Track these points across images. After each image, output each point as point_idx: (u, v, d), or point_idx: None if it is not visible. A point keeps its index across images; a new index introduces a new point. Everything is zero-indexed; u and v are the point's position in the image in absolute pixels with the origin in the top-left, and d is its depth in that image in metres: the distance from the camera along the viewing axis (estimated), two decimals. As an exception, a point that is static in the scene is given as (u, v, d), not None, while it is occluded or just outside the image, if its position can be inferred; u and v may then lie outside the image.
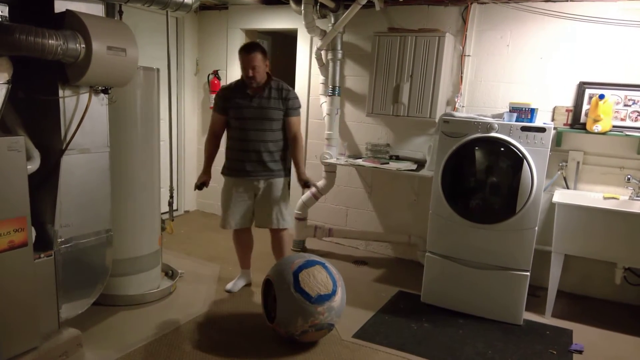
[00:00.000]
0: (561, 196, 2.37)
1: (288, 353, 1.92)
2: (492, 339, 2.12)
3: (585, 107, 2.49)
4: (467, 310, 2.33)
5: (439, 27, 2.73)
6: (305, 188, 2.36)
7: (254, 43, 2.27)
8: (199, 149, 3.82)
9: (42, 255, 1.70)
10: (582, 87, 2.51)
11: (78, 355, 1.81)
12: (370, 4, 2.70)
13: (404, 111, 2.74)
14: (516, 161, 2.15)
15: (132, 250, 2.26)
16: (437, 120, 2.65)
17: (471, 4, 2.69)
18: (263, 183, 2.29)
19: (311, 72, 3.27)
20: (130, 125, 2.17)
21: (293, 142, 2.30)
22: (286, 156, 2.35)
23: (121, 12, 2.11)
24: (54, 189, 1.75)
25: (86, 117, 1.79)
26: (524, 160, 2.13)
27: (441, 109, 2.72)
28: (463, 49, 2.75)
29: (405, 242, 3.04)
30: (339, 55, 2.97)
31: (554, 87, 2.59)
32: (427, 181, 2.70)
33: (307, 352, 1.93)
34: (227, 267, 2.79)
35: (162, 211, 2.52)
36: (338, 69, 2.99)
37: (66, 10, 1.70)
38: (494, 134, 2.20)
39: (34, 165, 1.67)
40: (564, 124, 2.57)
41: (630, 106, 2.42)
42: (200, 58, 3.76)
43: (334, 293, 1.90)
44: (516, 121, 2.26)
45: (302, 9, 2.76)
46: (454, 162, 2.27)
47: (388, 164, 2.85)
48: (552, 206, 2.36)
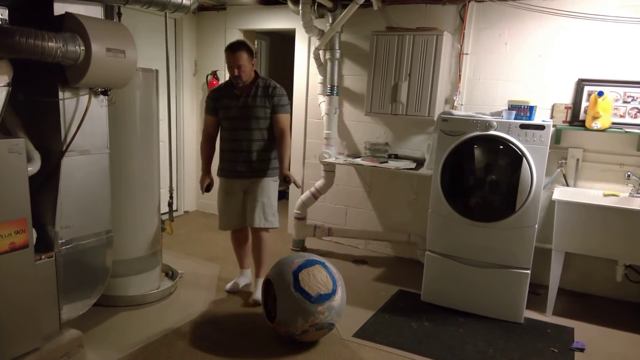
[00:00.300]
0: (561, 194, 2.37)
1: (288, 353, 1.92)
2: (492, 338, 2.12)
3: (584, 104, 2.49)
4: (467, 309, 2.33)
5: (436, 26, 2.73)
6: (284, 183, 2.28)
7: (239, 42, 2.22)
8: (198, 149, 3.77)
9: (43, 257, 1.71)
10: (580, 84, 2.51)
11: (79, 355, 1.81)
12: (368, 3, 2.70)
13: (403, 110, 2.74)
14: (515, 159, 2.15)
15: (133, 251, 2.26)
16: (435, 119, 2.65)
17: (469, 2, 2.68)
18: (251, 182, 2.27)
19: (309, 72, 3.27)
20: (129, 126, 2.18)
21: (279, 139, 2.24)
22: (275, 157, 2.29)
23: (120, 14, 2.12)
24: (55, 190, 1.75)
25: (86, 119, 1.80)
26: (523, 158, 2.13)
27: (440, 108, 2.72)
28: (461, 47, 2.75)
29: (404, 241, 3.04)
30: (337, 55, 2.97)
31: (553, 84, 2.59)
32: (427, 180, 2.70)
33: (308, 351, 1.94)
34: (227, 267, 2.79)
35: (162, 212, 2.52)
36: (336, 68, 2.99)
37: (65, 12, 1.71)
38: (492, 132, 2.20)
39: (34, 167, 1.68)
40: (563, 122, 2.56)
41: (629, 103, 2.42)
42: (198, 59, 3.77)
43: (334, 292, 1.91)
44: (515, 119, 2.25)
45: (300, 8, 2.76)
46: (453, 160, 2.27)
47: (387, 162, 2.85)
48: (552, 204, 2.36)
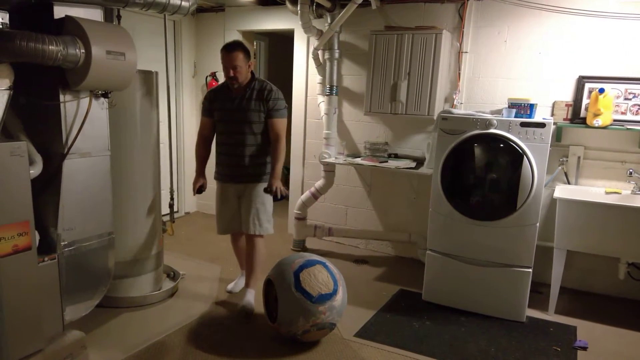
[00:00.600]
0: (562, 192, 2.36)
1: (290, 353, 1.92)
2: (494, 337, 2.11)
3: (585, 101, 2.48)
4: (469, 308, 2.32)
5: (435, 25, 2.73)
6: (265, 192, 2.14)
7: (235, 42, 2.17)
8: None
9: (45, 259, 1.72)
10: (581, 81, 2.49)
11: (82, 357, 1.82)
12: (366, 3, 2.70)
13: (402, 109, 2.74)
14: (516, 157, 2.14)
15: (134, 253, 2.27)
16: (435, 118, 2.65)
17: (468, 0, 2.68)
18: (244, 187, 2.22)
19: (308, 72, 3.27)
20: (130, 128, 2.19)
21: (273, 145, 2.17)
22: (269, 162, 2.21)
23: (119, 17, 2.13)
24: (57, 193, 1.76)
25: (87, 122, 1.81)
26: (524, 156, 2.12)
27: (439, 106, 2.72)
28: (460, 45, 2.74)
29: (405, 241, 3.03)
30: (336, 55, 2.97)
31: (553, 81, 2.58)
32: (427, 179, 2.70)
33: (309, 351, 1.94)
34: (227, 268, 2.80)
35: (163, 213, 2.53)
36: (335, 68, 2.99)
37: (65, 15, 1.72)
38: (493, 130, 2.19)
39: (36, 170, 1.69)
40: (564, 119, 2.55)
41: (630, 99, 2.40)
42: (197, 60, 3.78)
43: (335, 292, 1.91)
44: (515, 117, 2.25)
45: (299, 9, 2.76)
46: (453, 159, 2.26)
47: (387, 162, 2.85)
48: (553, 202, 2.35)
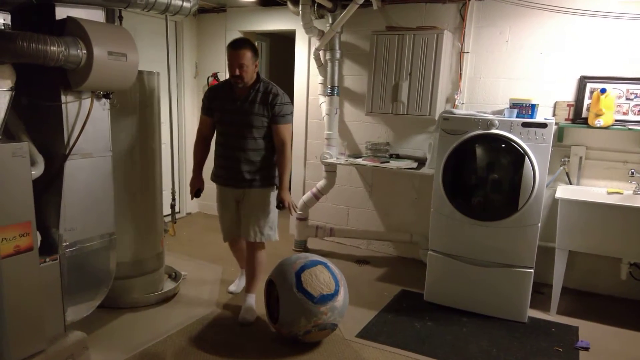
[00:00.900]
0: (564, 192, 2.36)
1: (291, 353, 1.92)
2: (496, 337, 2.11)
3: (587, 101, 2.48)
4: (470, 309, 2.32)
5: (437, 25, 2.73)
6: (278, 208, 2.09)
7: (243, 39, 2.06)
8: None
9: (47, 260, 1.72)
10: (583, 81, 2.49)
11: (84, 357, 1.82)
12: (367, 3, 2.70)
13: (404, 109, 2.74)
14: (517, 157, 2.14)
15: (136, 253, 2.28)
16: (436, 118, 2.65)
17: (469, 0, 2.68)
18: (242, 193, 2.12)
19: (310, 73, 3.27)
20: (131, 129, 2.19)
21: (279, 153, 2.07)
22: (272, 166, 2.13)
23: (121, 18, 2.13)
24: (58, 193, 1.77)
25: (88, 122, 1.81)
26: (526, 157, 2.12)
27: (441, 107, 2.72)
28: (462, 46, 2.74)
29: (407, 241, 3.03)
30: (337, 55, 2.97)
31: (555, 82, 2.57)
32: (428, 179, 2.69)
33: (311, 352, 1.94)
34: (229, 269, 2.80)
35: (165, 214, 2.53)
36: (337, 68, 2.99)
37: (67, 16, 1.72)
38: (494, 131, 2.19)
39: (38, 171, 1.69)
40: (566, 119, 2.55)
41: (632, 100, 2.40)
42: (199, 61, 3.78)
43: (336, 293, 1.91)
44: (517, 117, 2.25)
45: (300, 9, 2.76)
46: (455, 159, 2.26)
47: (388, 162, 2.85)
48: (555, 202, 2.35)
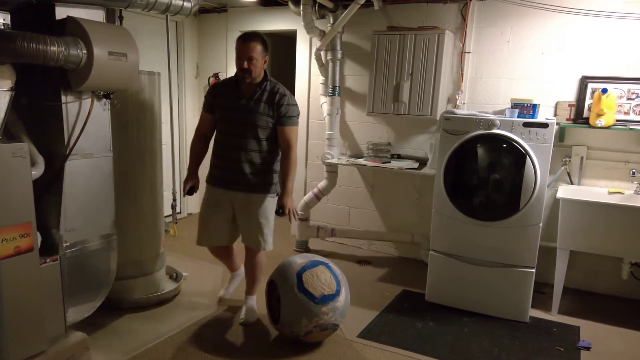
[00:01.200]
0: (565, 192, 2.36)
1: (293, 353, 1.92)
2: (498, 337, 2.11)
3: (588, 101, 2.48)
4: (472, 308, 2.32)
5: (438, 25, 2.73)
6: (277, 214, 2.00)
7: (254, 32, 1.95)
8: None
9: (47, 260, 1.71)
10: (584, 81, 2.49)
11: (85, 358, 1.82)
12: (369, 3, 2.70)
13: (405, 109, 2.73)
14: (519, 157, 2.14)
15: (137, 254, 2.27)
16: (438, 118, 2.65)
17: (470, 0, 2.68)
18: (242, 197, 2.01)
19: (311, 73, 3.27)
20: (132, 129, 2.19)
21: (284, 156, 1.99)
22: (273, 172, 2.04)
23: (121, 18, 2.13)
24: (59, 194, 1.76)
25: (89, 122, 1.80)
26: (527, 157, 2.12)
27: (442, 107, 2.72)
28: (463, 46, 2.74)
29: (408, 241, 3.03)
30: (339, 55, 2.97)
31: (556, 82, 2.57)
32: (429, 179, 2.69)
33: (312, 352, 1.93)
34: (231, 269, 2.80)
35: (165, 214, 2.52)
36: (338, 69, 2.99)
37: (67, 16, 1.72)
38: (495, 131, 2.19)
39: (38, 171, 1.69)
40: (567, 119, 2.55)
41: (633, 100, 2.40)
42: (200, 61, 3.78)
43: (337, 293, 1.90)
44: (518, 117, 2.24)
45: (301, 9, 2.76)
46: (456, 159, 2.26)
47: (390, 163, 2.85)
48: (556, 202, 2.35)
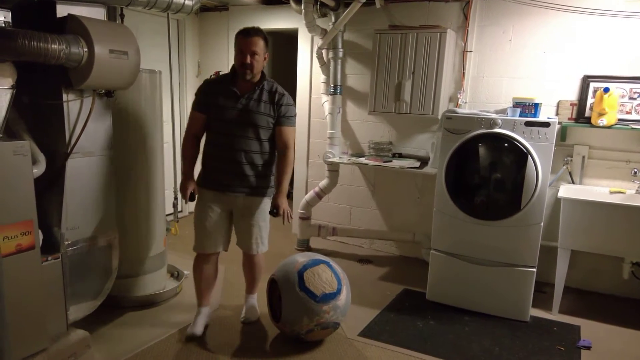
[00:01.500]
0: (567, 191, 2.36)
1: (294, 352, 1.92)
2: (498, 336, 2.11)
3: (590, 100, 2.47)
4: (473, 308, 2.32)
5: (440, 24, 2.72)
6: (271, 214, 1.96)
7: (256, 27, 1.88)
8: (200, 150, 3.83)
9: (49, 258, 1.72)
10: (586, 80, 2.48)
11: (87, 356, 1.82)
12: (370, 2, 2.69)
13: (406, 108, 2.73)
14: (520, 157, 2.14)
15: (138, 252, 2.27)
16: (439, 117, 2.64)
17: (472, -1, 2.67)
18: (242, 200, 1.96)
19: (312, 72, 3.27)
20: (133, 127, 2.19)
21: (281, 156, 1.96)
22: (271, 174, 2.01)
23: (122, 16, 2.13)
24: (60, 192, 1.76)
25: (90, 121, 1.80)
26: (528, 156, 2.12)
27: (444, 106, 2.71)
28: (465, 44, 2.73)
29: (409, 240, 3.03)
30: (340, 54, 2.96)
31: (558, 81, 2.57)
32: (431, 178, 2.69)
33: (313, 350, 1.94)
34: (232, 267, 2.79)
35: (167, 212, 2.53)
36: (339, 67, 2.98)
37: (68, 14, 1.72)
38: (497, 130, 2.18)
39: (39, 169, 1.69)
40: (569, 118, 2.54)
41: (635, 99, 2.39)
42: (201, 59, 3.77)
43: (339, 292, 1.91)
44: (520, 116, 2.24)
45: (303, 8, 2.76)
46: (458, 158, 2.26)
47: (391, 161, 2.85)
48: (557, 201, 2.34)
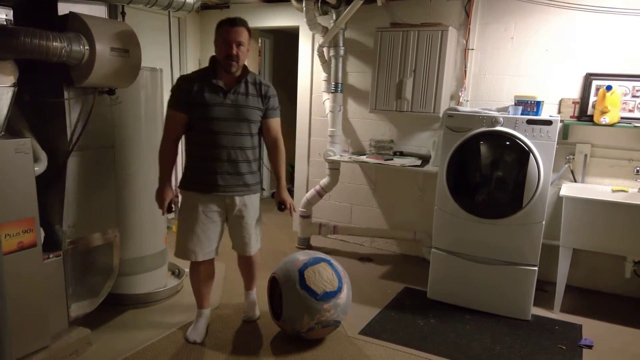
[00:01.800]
0: (569, 190, 2.35)
1: (294, 350, 1.92)
2: (499, 335, 2.11)
3: (592, 98, 2.46)
4: (474, 306, 2.32)
5: (441, 21, 2.71)
6: (279, 209, 1.96)
7: (239, 17, 1.78)
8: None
9: (51, 256, 1.73)
10: (588, 78, 2.47)
11: (88, 353, 1.83)
12: (371, 0, 2.68)
13: (408, 106, 2.72)
14: (522, 155, 2.13)
15: (139, 250, 2.27)
16: (441, 115, 2.63)
17: (474, -4, 2.66)
18: (238, 200, 1.88)
19: (313, 70, 3.26)
20: (134, 125, 2.19)
21: (274, 149, 1.92)
22: (261, 167, 1.97)
23: (124, 14, 2.13)
24: (61, 190, 1.77)
25: (91, 119, 1.81)
26: (530, 154, 2.11)
27: (445, 104, 2.70)
28: (466, 42, 2.72)
29: (410, 239, 3.03)
30: (341, 52, 2.96)
31: (560, 79, 2.55)
32: (432, 177, 2.68)
33: (314, 349, 1.94)
34: (232, 265, 2.79)
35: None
36: (340, 65, 2.98)
37: (69, 12, 1.72)
38: (499, 128, 2.17)
39: (41, 167, 1.69)
40: (571, 117, 2.53)
41: (638, 97, 2.38)
42: (202, 57, 3.76)
43: (339, 290, 1.90)
44: (522, 114, 2.23)
45: (304, 6, 2.75)
46: (459, 157, 2.25)
47: (392, 160, 2.84)
48: (559, 200, 2.34)
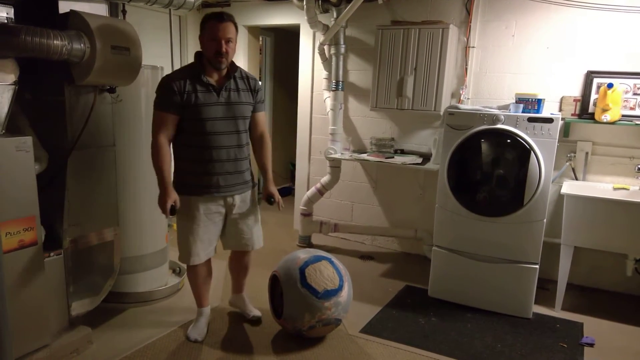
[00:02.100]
0: (570, 187, 2.34)
1: (295, 348, 1.93)
2: (501, 333, 2.11)
3: (594, 96, 2.45)
4: (475, 304, 2.32)
5: (442, 19, 2.70)
6: (268, 203, 1.92)
7: (225, 12, 1.75)
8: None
9: (51, 254, 1.73)
10: (589, 76, 2.46)
11: (89, 352, 1.83)
12: (372, -3, 2.68)
13: (409, 104, 2.72)
14: (523, 153, 2.12)
15: (140, 248, 2.28)
16: (442, 113, 2.63)
17: (475, -6, 2.65)
18: (238, 198, 1.87)
19: (314, 68, 3.26)
20: (135, 123, 2.19)
21: (261, 144, 1.90)
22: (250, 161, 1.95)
23: (124, 12, 2.13)
24: (62, 188, 1.77)
25: (92, 117, 1.81)
26: (531, 152, 2.10)
27: (446, 102, 2.70)
28: (467, 40, 2.71)
29: (411, 237, 3.03)
30: (342, 50, 2.95)
31: (561, 76, 2.55)
32: (433, 175, 2.68)
33: (315, 347, 1.94)
34: (234, 264, 2.80)
35: (169, 209, 2.53)
36: (341, 63, 2.97)
37: (70, 10, 1.72)
38: (500, 126, 2.17)
39: (41, 165, 1.69)
40: (572, 114, 2.53)
41: (639, 95, 2.37)
42: (203, 56, 3.77)
43: (340, 288, 1.90)
44: (523, 112, 2.22)
45: (304, 4, 2.74)
46: (460, 155, 2.25)
47: (393, 158, 2.84)
48: (560, 198, 2.33)
